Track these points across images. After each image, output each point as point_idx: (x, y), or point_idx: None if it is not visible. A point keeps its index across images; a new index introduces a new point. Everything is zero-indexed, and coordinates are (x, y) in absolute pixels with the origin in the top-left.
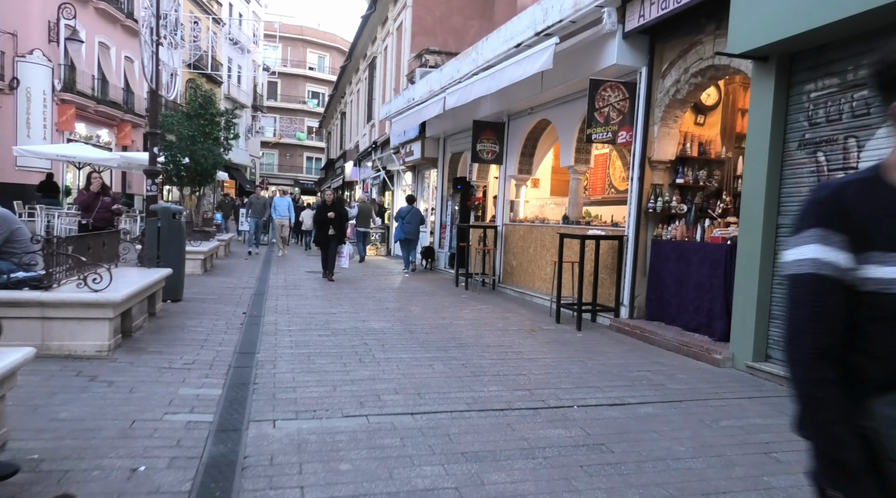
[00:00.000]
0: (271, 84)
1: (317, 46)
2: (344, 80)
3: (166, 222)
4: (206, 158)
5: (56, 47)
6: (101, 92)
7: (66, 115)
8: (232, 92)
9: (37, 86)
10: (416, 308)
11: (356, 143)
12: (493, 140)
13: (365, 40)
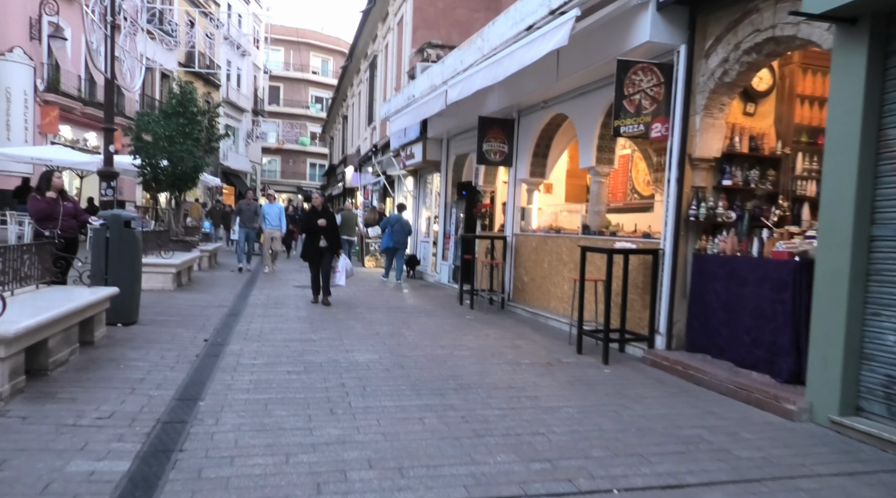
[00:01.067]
0: (273, 89)
1: (320, 50)
2: (345, 83)
3: (116, 233)
4: (184, 161)
5: (38, 45)
6: (88, 93)
7: (50, 117)
8: (231, 95)
9: (17, 85)
10: (412, 333)
11: (357, 147)
12: (501, 139)
13: (365, 38)
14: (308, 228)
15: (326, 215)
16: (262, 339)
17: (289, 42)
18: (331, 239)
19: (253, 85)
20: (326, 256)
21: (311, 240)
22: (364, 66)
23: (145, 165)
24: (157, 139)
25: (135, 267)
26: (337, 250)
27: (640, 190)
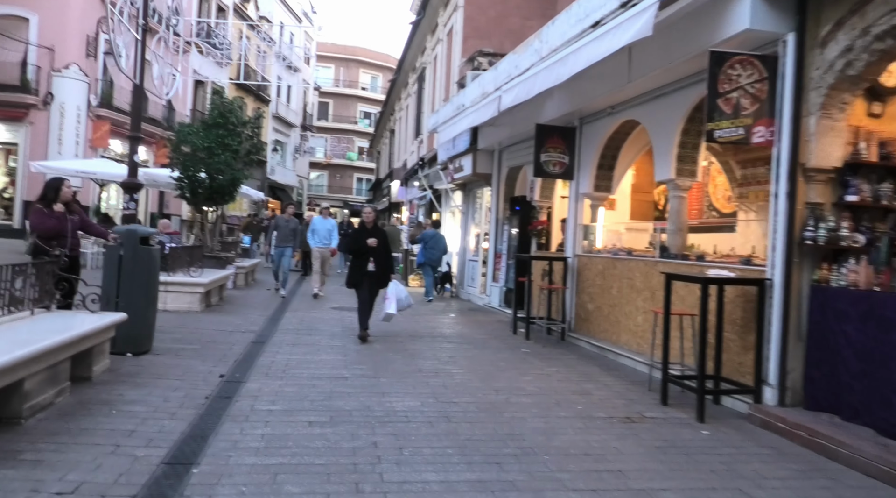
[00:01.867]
0: (322, 104)
1: (370, 66)
2: (393, 97)
3: (131, 250)
4: (222, 173)
5: (94, 62)
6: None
7: (101, 132)
8: (280, 111)
9: (71, 101)
10: (460, 371)
11: (404, 161)
12: (561, 149)
13: (414, 51)
14: (356, 249)
15: (378, 234)
16: (286, 375)
17: (339, 59)
18: (382, 263)
19: (302, 100)
20: (373, 284)
21: (359, 263)
22: (412, 80)
23: (183, 178)
24: (195, 151)
25: (150, 289)
26: (388, 276)
27: (718, 207)
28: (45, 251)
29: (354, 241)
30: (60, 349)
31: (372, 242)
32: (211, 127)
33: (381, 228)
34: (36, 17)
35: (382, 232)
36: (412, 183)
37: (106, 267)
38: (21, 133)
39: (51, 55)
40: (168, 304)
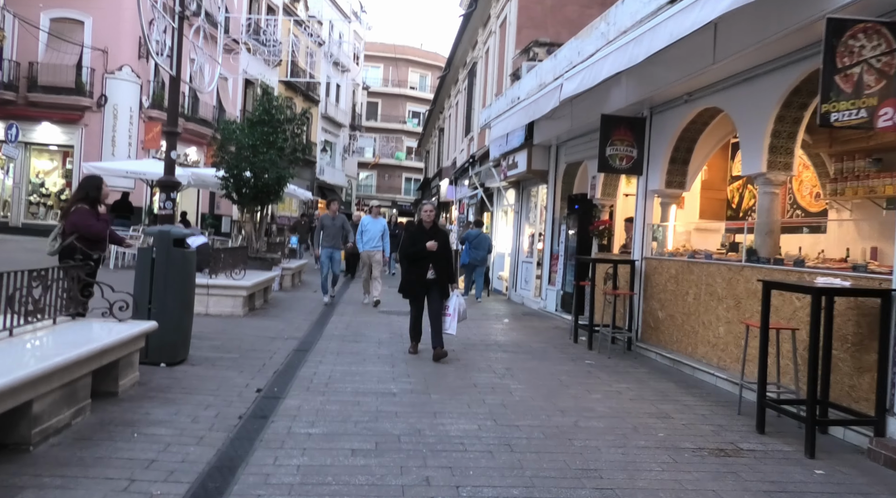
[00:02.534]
0: (371, 104)
1: (418, 65)
2: (442, 94)
3: (164, 253)
4: (267, 171)
5: (146, 63)
6: (191, 109)
7: (153, 133)
8: (329, 111)
9: (124, 102)
10: (520, 386)
11: (453, 159)
12: (628, 142)
13: (464, 46)
14: (413, 253)
15: (439, 236)
16: (328, 389)
17: (388, 58)
18: (444, 270)
19: (351, 100)
20: (435, 294)
21: (416, 269)
22: (462, 76)
23: (228, 177)
24: (240, 149)
25: (185, 294)
26: (451, 285)
27: (804, 205)
28: (85, 254)
29: (411, 244)
30: (78, 365)
31: (432, 246)
32: (256, 124)
33: (443, 229)
34: (90, 20)
35: (444, 234)
36: (462, 182)
37: (138, 271)
38: (76, 135)
39: (104, 57)
40: (210, 308)
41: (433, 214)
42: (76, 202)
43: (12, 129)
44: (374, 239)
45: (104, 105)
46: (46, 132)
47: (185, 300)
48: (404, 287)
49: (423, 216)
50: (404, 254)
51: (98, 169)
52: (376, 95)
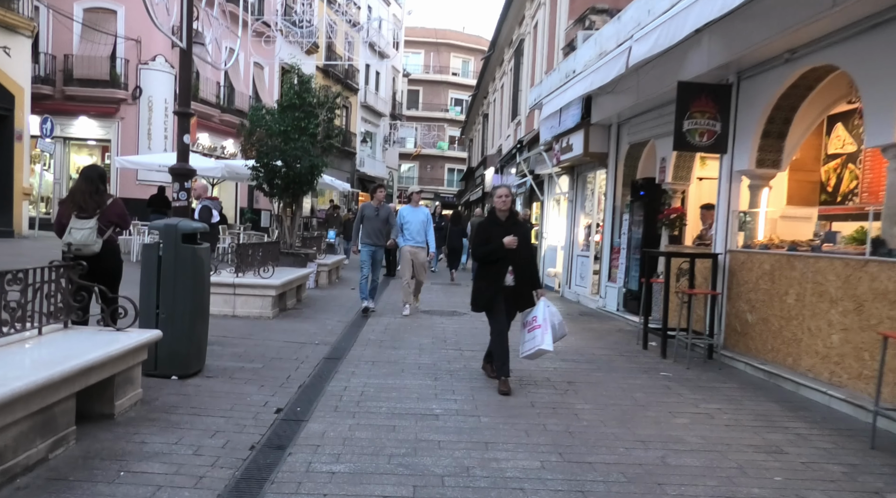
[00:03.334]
0: (412, 92)
1: (461, 50)
2: (486, 78)
3: (172, 251)
4: (299, 160)
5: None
6: (227, 100)
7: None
8: (369, 99)
9: (158, 94)
10: (587, 406)
11: (498, 146)
12: (710, 114)
13: (510, 23)
14: (486, 254)
15: (518, 229)
16: (359, 409)
17: (428, 44)
18: (526, 273)
19: (391, 88)
20: (514, 305)
21: (490, 274)
22: (507, 56)
23: (258, 167)
24: (270, 136)
25: (198, 297)
26: (535, 292)
27: None
28: None
29: (483, 241)
30: (51, 388)
31: (510, 243)
32: (286, 109)
33: (524, 222)
34: (123, 9)
35: (524, 226)
36: (508, 170)
37: (143, 272)
38: (113, 129)
39: (138, 47)
40: (237, 309)
41: (509, 201)
42: (100, 193)
43: (47, 124)
44: (417, 233)
45: (139, 97)
46: (84, 126)
47: (198, 304)
48: (476, 298)
49: (496, 203)
50: (475, 255)
51: (131, 163)
52: (417, 83)
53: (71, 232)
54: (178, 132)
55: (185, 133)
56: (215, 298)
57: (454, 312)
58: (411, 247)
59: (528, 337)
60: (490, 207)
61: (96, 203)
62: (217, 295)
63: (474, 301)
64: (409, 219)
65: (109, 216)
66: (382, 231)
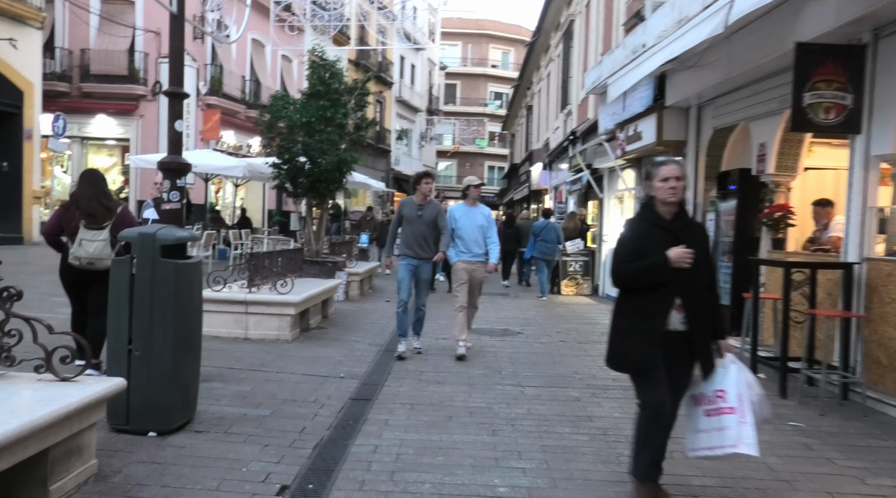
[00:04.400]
0: (449, 86)
1: (500, 41)
2: (530, 67)
3: (148, 267)
4: (325, 154)
5: (201, 45)
6: (253, 95)
7: (211, 122)
8: (404, 94)
9: None
10: (707, 480)
11: (545, 140)
12: (838, 83)
13: (558, 4)
14: (641, 272)
15: (694, 237)
16: (395, 488)
17: (466, 35)
18: (703, 310)
19: (427, 82)
20: (686, 363)
21: (647, 310)
22: (555, 40)
23: (280, 164)
24: (292, 128)
25: (185, 328)
26: (715, 347)
27: None
28: None
29: (635, 253)
30: None
31: (681, 258)
32: (310, 97)
33: (700, 225)
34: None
35: (701, 231)
36: (558, 165)
37: (111, 297)
38: (132, 127)
39: (157, 40)
40: (250, 330)
41: (681, 190)
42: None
43: (59, 121)
44: (475, 242)
45: (159, 93)
46: (102, 125)
47: (184, 337)
48: (620, 349)
49: (659, 191)
50: (620, 275)
51: (147, 162)
52: (454, 76)
53: (81, 244)
54: (170, 117)
55: (178, 118)
56: (224, 317)
57: (506, 331)
58: (467, 262)
59: (708, 424)
60: (645, 198)
61: (106, 209)
62: (226, 314)
63: (616, 356)
64: (464, 222)
65: (121, 227)
66: (429, 238)
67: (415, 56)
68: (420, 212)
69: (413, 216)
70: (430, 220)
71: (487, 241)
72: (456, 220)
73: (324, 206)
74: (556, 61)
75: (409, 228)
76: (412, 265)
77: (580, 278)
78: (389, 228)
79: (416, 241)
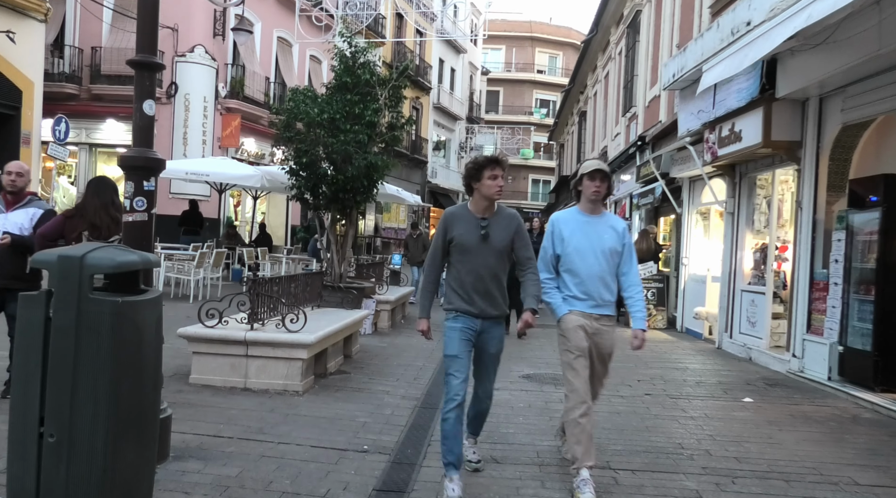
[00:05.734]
0: (491, 93)
1: (547, 44)
2: (584, 68)
3: (70, 308)
4: (352, 158)
5: (222, 43)
6: (277, 99)
7: (231, 128)
8: (443, 100)
9: (197, 91)
10: None
11: (602, 149)
12: None
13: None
14: None
15: None
16: None
17: (510, 38)
18: None
19: (468, 88)
20: None
21: None
22: (615, 36)
23: (297, 170)
24: (310, 127)
25: (129, 401)
26: None
27: None
28: None
29: None
30: None
31: None
32: (336, 91)
33: None
34: None
35: None
36: (620, 176)
37: (17, 350)
38: None
39: (174, 36)
40: (250, 377)
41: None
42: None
43: (61, 125)
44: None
45: (174, 95)
46: (112, 130)
47: (129, 414)
48: None
49: None
50: None
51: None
52: (497, 82)
53: None
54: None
55: (148, 98)
56: (218, 362)
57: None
58: (584, 315)
59: None
60: None
61: (113, 221)
62: (221, 357)
63: None
64: (579, 243)
65: None
66: (502, 277)
67: (455, 59)
68: (485, 230)
69: (472, 239)
70: (502, 244)
71: (622, 279)
72: (563, 239)
73: (350, 220)
74: (617, 60)
75: (464, 261)
76: (471, 330)
77: (653, 309)
78: (427, 263)
79: (480, 286)
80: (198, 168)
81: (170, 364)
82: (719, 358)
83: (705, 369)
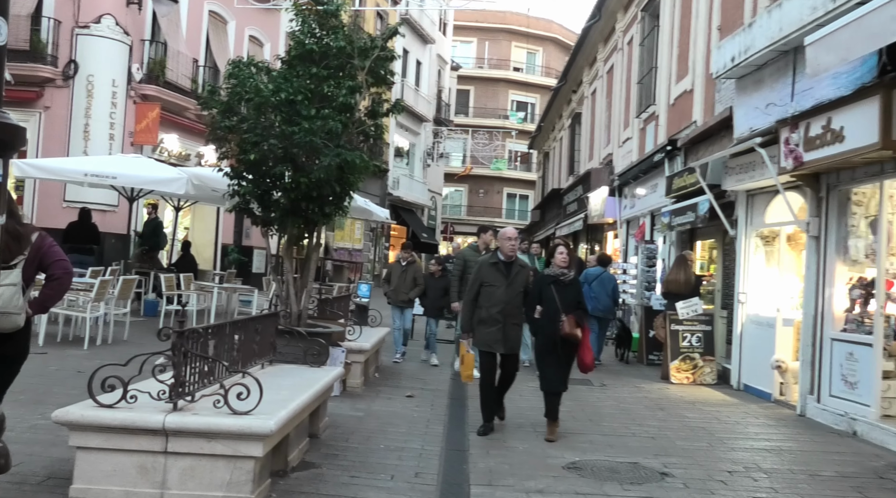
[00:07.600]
0: (461, 93)
1: (525, 38)
2: (580, 62)
3: None
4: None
5: (138, 13)
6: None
7: (147, 120)
8: (407, 97)
9: (103, 72)
10: None
11: (606, 157)
12: None
13: None
14: None
15: None
16: None
17: (483, 30)
18: None
19: (437, 84)
20: None
21: None
22: (622, 23)
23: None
24: (261, 111)
25: None
26: None
27: None
28: None
29: None
30: None
31: None
32: (297, 63)
33: None
34: None
35: None
36: (635, 189)
37: None
38: (32, 123)
39: (75, 4)
40: (168, 490)
41: None
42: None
43: None
44: None
45: (73, 76)
46: None
47: None
48: None
49: None
50: None
51: (41, 170)
52: (467, 80)
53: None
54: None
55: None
56: (120, 462)
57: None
58: None
59: None
60: None
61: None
62: (124, 456)
63: None
64: None
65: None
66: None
67: (422, 50)
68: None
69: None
70: None
71: None
72: None
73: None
74: (625, 50)
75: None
76: None
77: (699, 358)
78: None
79: None
80: (102, 169)
81: (40, 460)
82: (811, 432)
83: (803, 451)
